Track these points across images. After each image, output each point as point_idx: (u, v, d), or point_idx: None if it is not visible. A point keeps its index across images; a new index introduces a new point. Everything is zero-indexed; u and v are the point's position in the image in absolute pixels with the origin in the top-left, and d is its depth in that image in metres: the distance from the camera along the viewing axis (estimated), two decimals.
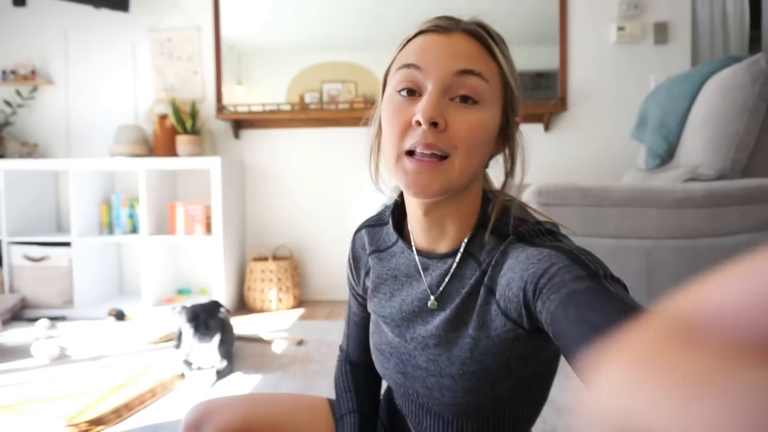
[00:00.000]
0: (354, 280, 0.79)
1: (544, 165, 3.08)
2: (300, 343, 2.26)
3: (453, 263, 0.61)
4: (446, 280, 0.62)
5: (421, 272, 0.65)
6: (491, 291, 0.57)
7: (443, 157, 0.55)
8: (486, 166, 0.66)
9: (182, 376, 1.84)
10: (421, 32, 0.59)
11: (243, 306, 3.05)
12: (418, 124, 0.54)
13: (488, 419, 0.64)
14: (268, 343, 2.28)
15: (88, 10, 3.13)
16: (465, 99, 0.56)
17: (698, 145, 2.16)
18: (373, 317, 0.74)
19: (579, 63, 3.06)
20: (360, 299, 0.81)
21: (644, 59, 3.04)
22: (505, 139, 0.63)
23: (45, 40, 3.21)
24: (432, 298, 0.63)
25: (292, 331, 2.48)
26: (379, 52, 3.10)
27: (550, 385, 0.68)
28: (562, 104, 3.03)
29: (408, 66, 0.57)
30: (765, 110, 2.04)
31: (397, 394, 0.74)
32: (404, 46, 0.60)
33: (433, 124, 0.54)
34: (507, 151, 0.64)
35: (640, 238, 1.94)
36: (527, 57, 3.10)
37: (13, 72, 3.17)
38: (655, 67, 3.03)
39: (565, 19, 3.04)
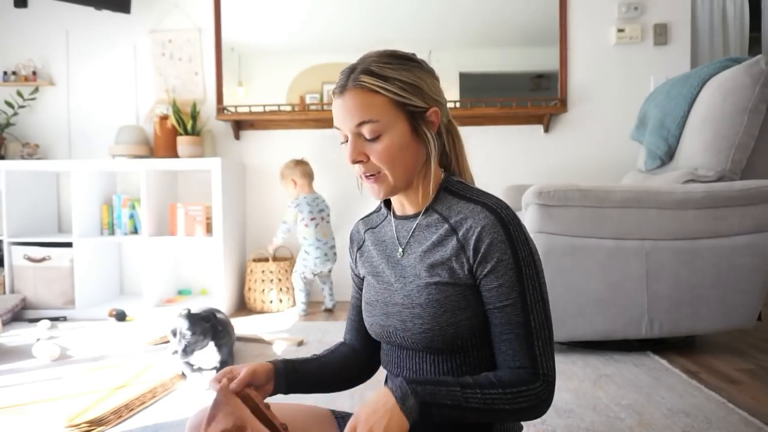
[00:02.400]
0: (351, 257, 1.00)
1: (544, 166, 3.09)
2: (300, 343, 2.26)
3: (418, 218, 0.85)
4: (411, 232, 0.85)
5: (395, 231, 0.88)
6: (463, 248, 0.77)
7: (379, 172, 0.80)
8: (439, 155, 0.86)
9: (183, 376, 1.84)
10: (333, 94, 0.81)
11: (243, 307, 3.05)
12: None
13: (456, 357, 0.80)
14: (269, 343, 2.28)
15: (89, 11, 3.14)
16: (369, 138, 0.78)
17: (698, 147, 2.16)
18: (365, 281, 0.93)
19: (579, 64, 3.07)
20: (356, 279, 1.00)
21: (644, 60, 3.05)
22: (424, 130, 0.81)
23: (46, 41, 3.22)
24: (400, 249, 0.86)
25: (292, 331, 2.48)
26: None
27: None
28: (562, 105, 3.03)
29: (335, 126, 0.81)
30: (765, 112, 2.04)
31: (383, 350, 0.91)
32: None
33: (359, 161, 0.79)
34: (426, 138, 0.82)
35: (640, 239, 1.94)
36: (527, 58, 3.10)
37: (14, 73, 3.18)
38: (655, 68, 3.04)
39: (565, 20, 3.05)
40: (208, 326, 1.84)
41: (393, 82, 0.77)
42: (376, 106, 0.77)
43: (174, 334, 1.83)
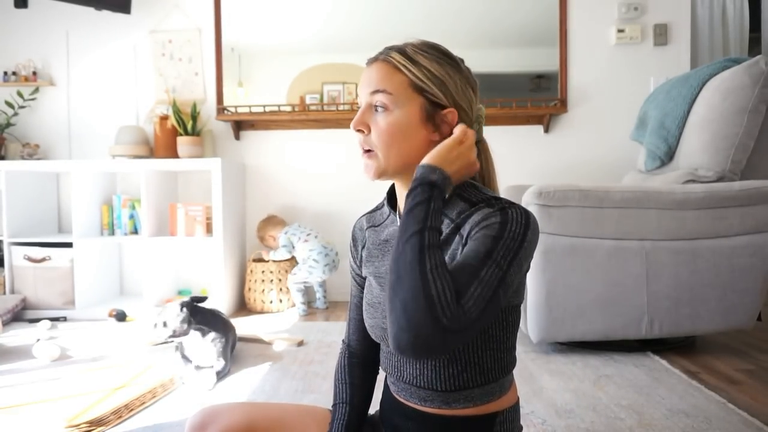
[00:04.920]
0: (353, 256, 0.98)
1: (544, 166, 3.09)
2: (300, 343, 2.26)
3: None
4: None
5: None
6: (462, 238, 0.76)
7: (372, 151, 0.81)
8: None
9: (180, 372, 1.84)
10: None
11: (243, 307, 3.05)
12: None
13: (458, 363, 0.78)
14: (269, 343, 2.28)
15: (89, 11, 3.14)
16: (381, 108, 0.79)
17: (698, 147, 2.16)
18: (366, 282, 0.91)
19: (579, 65, 3.07)
20: (358, 279, 0.97)
21: (644, 61, 3.05)
22: (435, 125, 0.81)
23: (46, 41, 3.22)
24: None
25: (292, 331, 2.48)
26: None
27: (511, 339, 0.82)
28: (562, 106, 3.03)
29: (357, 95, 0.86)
30: (764, 112, 2.04)
31: (383, 352, 0.89)
32: None
33: (359, 130, 0.81)
34: (440, 136, 0.81)
35: (639, 239, 1.95)
36: (527, 58, 3.10)
37: (14, 73, 3.18)
38: (655, 68, 3.04)
39: (565, 21, 3.05)
40: (186, 314, 1.88)
41: (420, 67, 0.79)
42: (394, 81, 0.79)
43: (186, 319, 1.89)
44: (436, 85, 0.79)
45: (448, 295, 0.64)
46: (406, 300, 0.64)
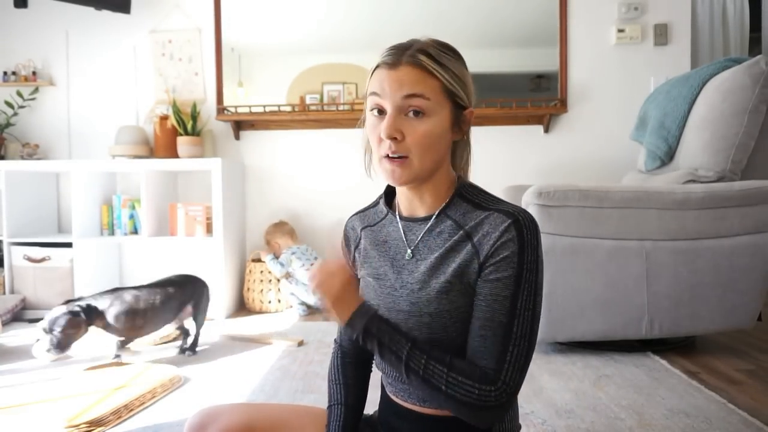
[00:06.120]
0: (346, 257, 0.96)
1: (544, 166, 3.09)
2: (300, 343, 2.26)
3: (430, 222, 0.81)
4: (421, 236, 0.82)
5: (403, 233, 0.84)
6: (477, 253, 0.75)
7: (405, 157, 0.76)
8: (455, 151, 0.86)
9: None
10: (378, 66, 0.78)
11: (243, 307, 3.05)
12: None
13: None
14: (269, 343, 2.28)
15: (89, 11, 3.14)
16: (416, 113, 0.75)
17: (698, 147, 2.16)
18: (362, 283, 0.89)
19: (579, 64, 3.06)
20: None
21: (644, 61, 3.04)
22: (459, 127, 0.81)
23: (46, 41, 3.22)
24: (409, 250, 0.82)
25: (292, 331, 2.48)
26: (380, 54, 3.10)
27: None
28: (562, 106, 3.03)
29: (373, 93, 0.78)
30: (764, 112, 2.04)
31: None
32: (372, 74, 0.80)
33: (393, 138, 0.75)
34: (464, 136, 0.84)
35: (639, 240, 1.94)
36: (527, 58, 3.10)
37: (14, 73, 3.18)
38: (655, 68, 3.04)
39: (565, 20, 3.05)
40: (80, 318, 1.90)
41: (448, 70, 0.77)
42: (430, 86, 0.75)
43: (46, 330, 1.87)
44: (461, 87, 0.78)
45: (477, 391, 0.70)
46: (452, 409, 0.73)
